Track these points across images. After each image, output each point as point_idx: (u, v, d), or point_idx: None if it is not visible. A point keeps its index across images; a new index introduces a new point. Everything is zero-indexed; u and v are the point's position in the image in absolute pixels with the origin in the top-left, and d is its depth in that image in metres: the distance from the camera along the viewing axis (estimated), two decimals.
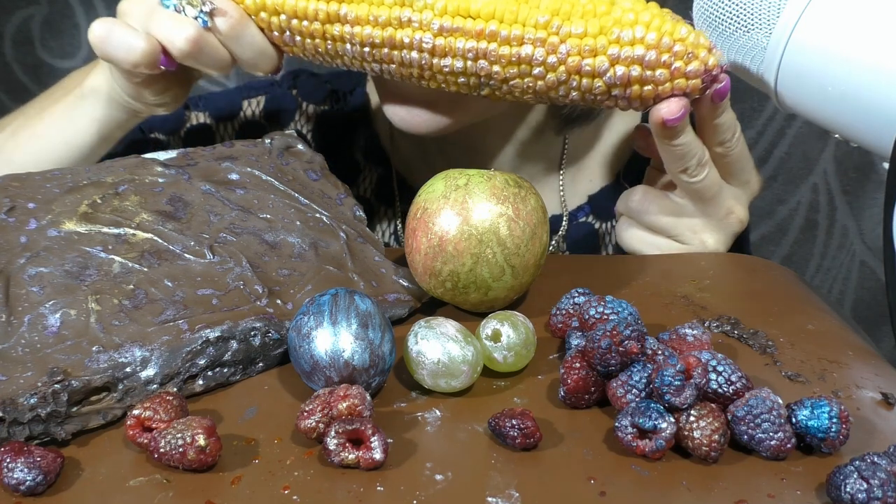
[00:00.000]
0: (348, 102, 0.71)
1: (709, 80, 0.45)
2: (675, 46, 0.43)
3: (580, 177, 0.69)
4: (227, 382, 0.39)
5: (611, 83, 0.44)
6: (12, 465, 0.31)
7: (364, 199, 0.70)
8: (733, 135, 0.50)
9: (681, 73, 0.44)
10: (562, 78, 0.45)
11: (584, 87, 0.45)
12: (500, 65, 0.45)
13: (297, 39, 0.49)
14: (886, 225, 0.40)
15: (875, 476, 0.30)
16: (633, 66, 0.44)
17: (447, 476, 0.33)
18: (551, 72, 0.45)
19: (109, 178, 0.46)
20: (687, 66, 0.44)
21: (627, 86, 0.45)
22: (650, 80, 0.44)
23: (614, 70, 0.44)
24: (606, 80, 0.44)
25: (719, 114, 0.48)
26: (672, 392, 0.34)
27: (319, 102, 0.71)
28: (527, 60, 0.45)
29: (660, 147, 0.49)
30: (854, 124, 0.45)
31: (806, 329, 0.44)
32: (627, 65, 0.44)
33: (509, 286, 0.43)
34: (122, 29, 0.48)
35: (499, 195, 0.41)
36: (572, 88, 0.45)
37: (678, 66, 0.44)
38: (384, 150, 0.70)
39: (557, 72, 0.45)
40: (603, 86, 0.45)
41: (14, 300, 0.38)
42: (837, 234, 1.14)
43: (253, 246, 0.44)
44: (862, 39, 0.43)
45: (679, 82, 0.45)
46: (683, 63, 0.44)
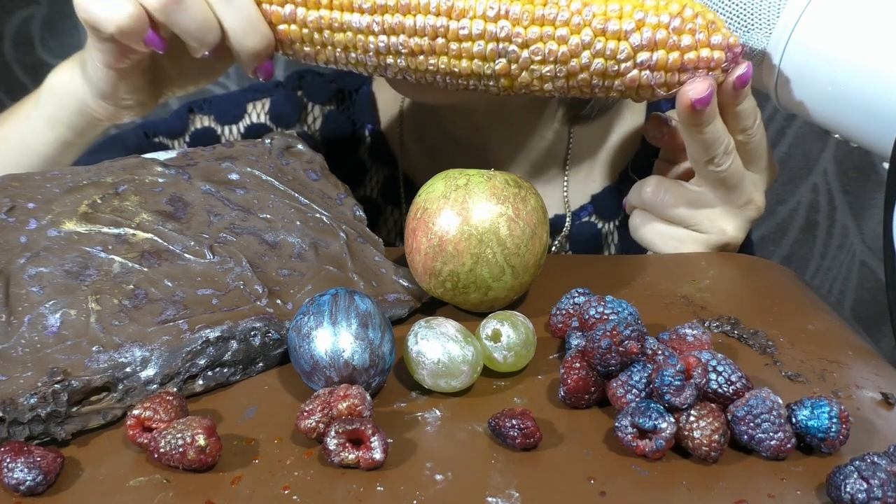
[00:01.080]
0: (354, 102, 0.71)
1: (731, 56, 0.44)
2: (697, 18, 0.44)
3: (584, 176, 0.69)
4: (227, 382, 0.39)
5: (637, 46, 0.44)
6: (12, 465, 0.31)
7: (370, 199, 0.70)
8: (754, 121, 0.50)
9: (705, 42, 0.44)
10: (586, 40, 0.44)
11: (608, 51, 0.44)
12: (522, 25, 0.44)
13: (300, 12, 0.47)
14: (886, 225, 0.40)
15: (875, 476, 0.30)
16: (660, 30, 0.43)
17: (447, 476, 0.33)
18: (575, 34, 0.44)
19: (109, 178, 0.46)
20: (711, 37, 0.44)
21: (654, 49, 0.44)
22: (675, 46, 0.44)
23: (641, 32, 0.43)
24: (633, 42, 0.44)
25: (741, 100, 0.48)
26: (672, 392, 0.34)
27: (325, 102, 0.71)
28: (550, 21, 0.44)
29: (686, 136, 0.48)
30: (854, 124, 0.45)
31: (806, 329, 0.44)
32: (654, 28, 0.43)
33: (509, 286, 0.43)
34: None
35: (499, 195, 0.41)
36: (596, 54, 0.44)
37: (702, 35, 0.44)
38: (390, 150, 0.70)
39: (582, 33, 0.44)
40: (629, 49, 0.44)
41: (14, 300, 0.38)
42: (837, 234, 1.14)
43: (253, 246, 0.44)
44: (862, 40, 0.43)
45: (704, 52, 0.44)
46: (707, 33, 0.44)
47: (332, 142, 0.70)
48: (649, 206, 0.54)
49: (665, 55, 0.44)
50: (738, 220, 0.53)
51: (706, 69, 0.45)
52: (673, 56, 0.44)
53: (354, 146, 0.71)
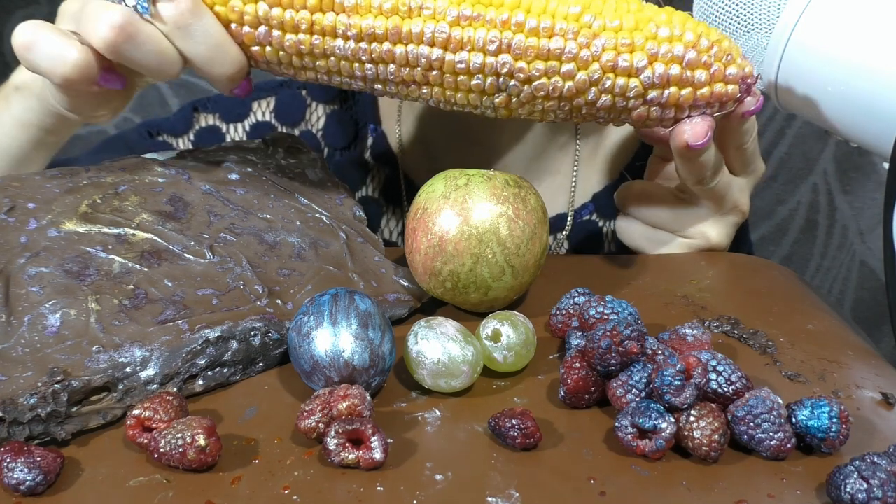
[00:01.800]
0: (357, 101, 0.71)
1: (744, 88, 0.42)
2: (713, 48, 0.41)
3: (586, 175, 0.69)
4: (227, 382, 0.39)
5: (648, 83, 0.41)
6: (12, 465, 0.31)
7: (372, 199, 0.70)
8: (751, 135, 0.49)
9: (720, 76, 0.41)
10: (594, 77, 0.41)
11: (618, 88, 0.41)
12: (525, 59, 0.40)
13: (276, 35, 0.42)
14: (886, 225, 0.40)
15: (875, 476, 0.30)
16: (673, 65, 0.40)
17: (447, 476, 0.33)
18: (583, 69, 0.41)
19: (109, 178, 0.46)
20: (727, 69, 0.41)
21: (666, 87, 0.41)
22: (689, 81, 0.41)
23: (653, 68, 0.40)
24: (644, 80, 0.41)
25: (745, 122, 0.47)
26: (672, 392, 0.34)
27: (329, 101, 0.71)
28: (556, 55, 0.40)
29: (678, 162, 0.48)
30: (854, 124, 0.45)
31: (806, 329, 0.44)
32: (667, 63, 0.40)
33: (509, 286, 0.43)
34: (50, 35, 0.41)
35: (499, 195, 0.41)
36: (604, 91, 0.41)
37: (717, 68, 0.41)
38: (392, 151, 0.70)
39: (590, 69, 0.40)
40: (640, 86, 0.41)
41: (14, 300, 0.38)
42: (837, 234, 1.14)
43: (253, 246, 0.44)
44: (862, 39, 0.43)
45: (718, 87, 0.42)
46: (723, 66, 0.41)
47: (336, 141, 0.70)
48: (633, 210, 0.54)
49: (677, 91, 0.41)
50: (722, 225, 0.53)
51: (718, 104, 0.43)
52: (685, 92, 0.41)
53: (357, 145, 0.71)
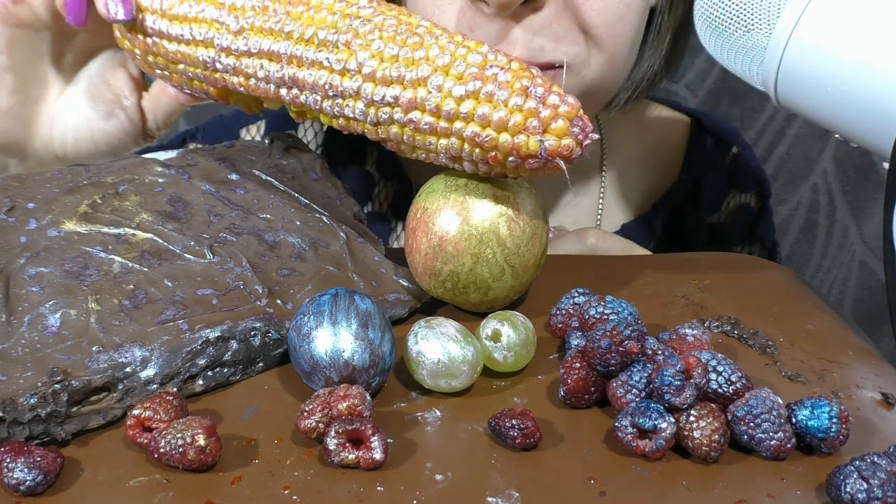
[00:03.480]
0: None
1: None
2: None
3: (613, 205, 0.69)
4: (227, 382, 0.39)
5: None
6: (12, 465, 0.31)
7: (380, 214, 0.69)
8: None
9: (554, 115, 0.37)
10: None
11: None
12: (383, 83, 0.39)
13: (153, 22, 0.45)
14: (886, 225, 0.40)
15: (875, 476, 0.30)
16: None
17: (447, 476, 0.33)
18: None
19: (109, 178, 0.46)
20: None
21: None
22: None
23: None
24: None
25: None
26: (672, 392, 0.34)
27: None
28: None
29: None
30: (854, 124, 0.45)
31: (806, 329, 0.44)
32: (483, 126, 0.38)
33: (509, 286, 0.43)
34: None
35: (499, 195, 0.41)
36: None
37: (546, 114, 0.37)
38: (399, 163, 0.69)
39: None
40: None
41: (14, 300, 0.38)
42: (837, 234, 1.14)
43: (253, 246, 0.44)
44: (862, 39, 0.43)
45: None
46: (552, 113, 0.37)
47: (335, 156, 0.69)
48: (590, 252, 0.56)
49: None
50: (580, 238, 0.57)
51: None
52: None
53: (360, 160, 0.69)
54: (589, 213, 0.69)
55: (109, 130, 0.51)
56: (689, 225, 0.72)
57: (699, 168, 0.71)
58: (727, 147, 0.73)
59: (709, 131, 0.72)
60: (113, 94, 0.50)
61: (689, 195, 0.72)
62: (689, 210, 0.72)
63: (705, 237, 0.73)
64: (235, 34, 0.42)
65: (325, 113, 0.42)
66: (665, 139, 0.72)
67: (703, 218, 0.73)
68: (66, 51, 0.49)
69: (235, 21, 0.42)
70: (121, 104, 0.50)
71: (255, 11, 0.42)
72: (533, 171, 0.39)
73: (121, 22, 0.45)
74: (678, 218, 0.72)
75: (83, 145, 0.51)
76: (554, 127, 0.37)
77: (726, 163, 0.73)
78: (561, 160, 0.38)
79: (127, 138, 0.51)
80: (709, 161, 0.72)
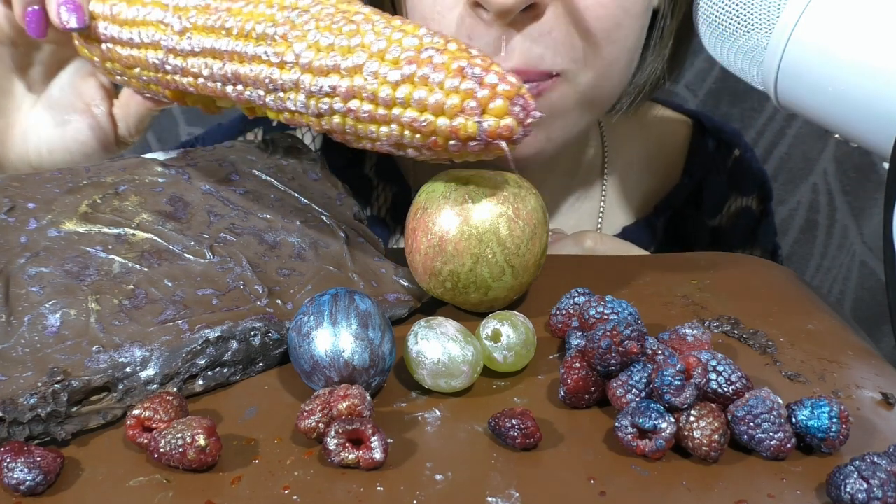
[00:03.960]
0: None
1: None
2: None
3: (615, 207, 0.69)
4: (227, 382, 0.39)
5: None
6: (12, 465, 0.31)
7: (379, 219, 0.69)
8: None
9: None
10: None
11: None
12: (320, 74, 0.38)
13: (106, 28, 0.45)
14: (886, 225, 0.40)
15: (875, 476, 0.30)
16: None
17: (447, 476, 0.33)
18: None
19: (109, 178, 0.46)
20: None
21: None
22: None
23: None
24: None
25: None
26: (672, 392, 0.34)
27: None
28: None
29: None
30: (854, 124, 0.45)
31: (806, 329, 0.44)
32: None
33: (509, 286, 0.43)
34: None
35: (499, 195, 0.41)
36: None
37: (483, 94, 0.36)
38: (397, 167, 0.69)
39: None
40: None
41: (14, 300, 0.38)
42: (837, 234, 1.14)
43: (253, 246, 0.44)
44: (862, 39, 0.43)
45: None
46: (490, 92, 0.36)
47: (333, 160, 0.69)
48: (589, 253, 0.56)
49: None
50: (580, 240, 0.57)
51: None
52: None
53: (358, 164, 0.69)
54: (590, 216, 0.69)
55: (82, 139, 0.51)
56: (691, 228, 0.72)
57: (701, 171, 0.71)
58: (729, 150, 0.73)
59: (711, 134, 0.72)
60: (83, 103, 0.51)
61: (691, 198, 0.71)
62: (691, 213, 0.72)
63: (706, 240, 0.73)
64: (180, 34, 0.42)
65: (269, 108, 0.41)
66: (667, 142, 0.72)
67: (704, 221, 0.73)
68: (35, 63, 0.50)
69: (179, 21, 0.42)
70: (91, 113, 0.51)
71: (198, 10, 0.42)
72: (476, 153, 0.38)
73: (75, 30, 0.45)
74: (679, 221, 0.72)
75: (58, 155, 0.51)
76: (493, 107, 0.36)
77: (728, 165, 0.73)
78: (502, 141, 0.37)
79: (100, 146, 0.52)
80: (710, 164, 0.72)
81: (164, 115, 1.00)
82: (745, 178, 0.74)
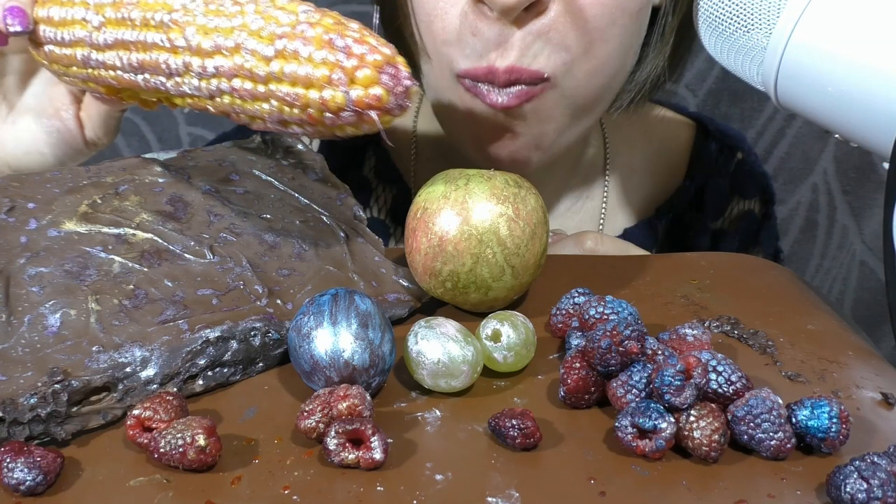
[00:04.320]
0: None
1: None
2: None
3: (616, 209, 0.69)
4: (227, 382, 0.39)
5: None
6: (12, 465, 0.31)
7: (379, 221, 0.69)
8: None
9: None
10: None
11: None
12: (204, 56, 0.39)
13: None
14: (886, 225, 0.40)
15: (875, 476, 0.30)
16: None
17: (447, 476, 0.33)
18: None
19: (109, 178, 0.46)
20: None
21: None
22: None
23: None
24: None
25: None
26: (672, 392, 0.34)
27: None
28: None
29: None
30: (854, 124, 0.45)
31: (806, 329, 0.44)
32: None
33: (509, 286, 0.43)
34: None
35: (499, 195, 0.41)
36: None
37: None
38: (397, 169, 0.69)
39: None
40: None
41: (14, 300, 0.38)
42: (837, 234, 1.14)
43: (253, 246, 0.44)
44: (862, 39, 0.43)
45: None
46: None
47: (331, 162, 0.69)
48: (589, 253, 0.56)
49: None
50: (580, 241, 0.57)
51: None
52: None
53: (356, 165, 0.69)
54: (592, 217, 0.69)
55: (53, 142, 0.53)
56: (692, 231, 0.72)
57: (703, 174, 0.71)
58: (732, 153, 0.73)
59: (714, 137, 0.72)
60: (53, 108, 0.52)
61: (693, 201, 0.71)
62: (693, 216, 0.72)
63: (708, 243, 0.73)
64: (97, 29, 0.43)
65: (171, 93, 0.42)
66: (670, 144, 0.72)
67: (706, 224, 0.73)
68: (8, 73, 0.51)
69: (96, 17, 0.43)
70: (60, 117, 0.52)
71: (112, 6, 0.43)
72: (353, 125, 0.38)
73: (19, 34, 0.46)
74: (681, 223, 0.72)
75: (33, 158, 0.53)
76: (360, 76, 0.36)
77: (731, 169, 0.73)
78: (373, 112, 0.36)
79: (70, 150, 0.53)
80: (713, 167, 0.72)
81: (165, 115, 1.00)
82: (748, 181, 0.74)
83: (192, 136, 1.02)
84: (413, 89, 0.37)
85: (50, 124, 0.52)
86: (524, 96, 0.51)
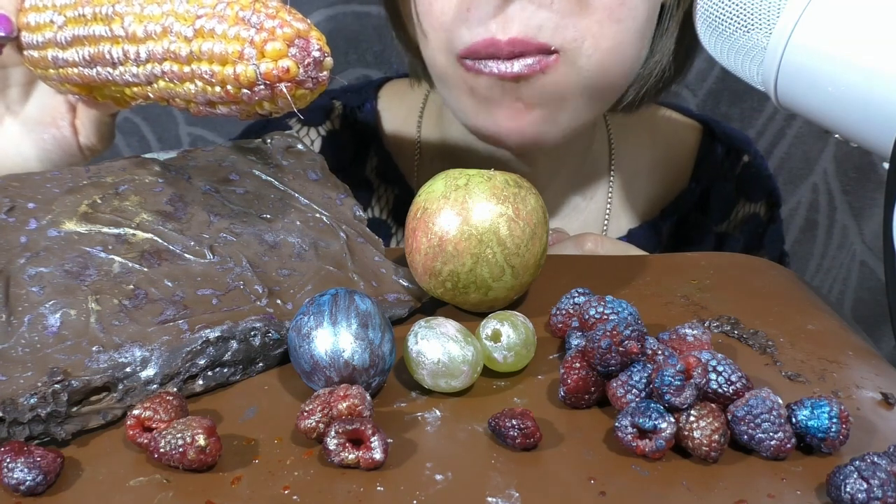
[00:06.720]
0: (357, 119, 0.70)
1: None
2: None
3: (621, 210, 0.69)
4: (227, 382, 0.39)
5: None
6: (12, 465, 0.31)
7: (380, 221, 0.69)
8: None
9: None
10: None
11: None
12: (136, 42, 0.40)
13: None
14: (886, 225, 0.40)
15: (875, 476, 0.30)
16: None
17: (447, 476, 0.33)
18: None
19: (109, 178, 0.46)
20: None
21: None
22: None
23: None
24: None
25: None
26: (672, 392, 0.34)
27: (322, 122, 0.70)
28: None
29: None
30: (854, 124, 0.45)
31: (806, 329, 0.44)
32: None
33: (509, 286, 0.43)
34: None
35: (499, 195, 0.41)
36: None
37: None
38: (398, 170, 0.69)
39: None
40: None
41: (14, 300, 0.38)
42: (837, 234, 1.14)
43: (253, 246, 0.44)
44: (862, 39, 0.43)
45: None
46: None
47: (333, 162, 0.69)
48: (589, 254, 0.56)
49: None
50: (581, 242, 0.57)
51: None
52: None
53: (358, 165, 0.69)
54: (596, 218, 0.69)
55: (49, 149, 0.53)
56: (697, 233, 0.72)
57: (709, 176, 0.71)
58: (738, 156, 0.73)
59: (720, 140, 0.72)
60: (51, 117, 0.53)
61: (698, 203, 0.71)
62: (697, 218, 0.72)
63: (712, 245, 0.73)
64: (60, 29, 0.44)
65: (118, 83, 0.43)
66: (675, 146, 0.72)
67: (710, 226, 0.73)
68: (11, 85, 0.52)
69: (59, 17, 0.44)
70: (57, 125, 0.53)
71: (72, 5, 0.44)
72: (269, 100, 0.38)
73: (3, 40, 0.47)
74: (685, 226, 0.72)
75: (31, 164, 0.54)
76: (269, 49, 0.36)
77: (736, 172, 0.73)
78: (282, 84, 0.36)
79: (66, 156, 0.54)
80: (719, 170, 0.72)
81: (165, 116, 1.00)
82: (754, 184, 0.74)
83: (191, 136, 1.02)
84: (326, 62, 0.37)
85: (48, 132, 0.53)
86: (537, 66, 0.50)
